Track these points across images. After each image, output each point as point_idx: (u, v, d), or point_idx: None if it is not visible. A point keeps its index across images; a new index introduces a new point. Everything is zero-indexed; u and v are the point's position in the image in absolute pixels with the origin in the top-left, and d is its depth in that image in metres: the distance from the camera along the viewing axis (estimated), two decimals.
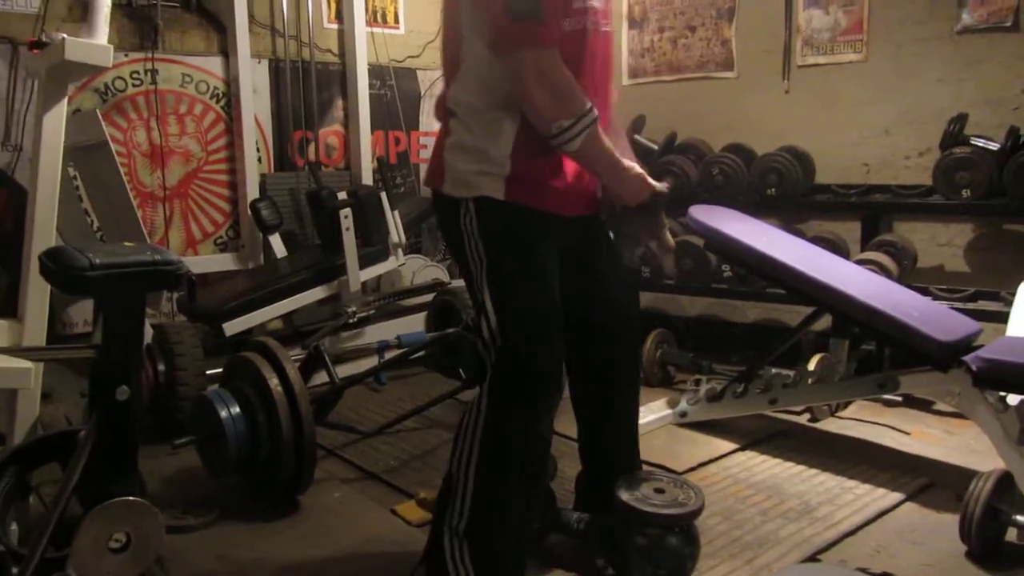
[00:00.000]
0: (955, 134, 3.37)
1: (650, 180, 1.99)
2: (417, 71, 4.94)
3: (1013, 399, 2.45)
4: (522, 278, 1.90)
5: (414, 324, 3.97)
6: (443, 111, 2.00)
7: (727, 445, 2.99)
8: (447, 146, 1.96)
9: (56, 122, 2.49)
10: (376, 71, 4.67)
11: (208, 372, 3.08)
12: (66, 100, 2.56)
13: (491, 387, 1.88)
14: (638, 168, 1.99)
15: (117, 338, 1.21)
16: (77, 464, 1.24)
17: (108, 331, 1.21)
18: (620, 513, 2.02)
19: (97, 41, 2.45)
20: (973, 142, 3.35)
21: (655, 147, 4.26)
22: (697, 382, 3.30)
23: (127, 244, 1.25)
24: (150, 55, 3.92)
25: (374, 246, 3.94)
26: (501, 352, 1.86)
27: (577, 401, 2.21)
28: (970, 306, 3.20)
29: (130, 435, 1.28)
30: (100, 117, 3.13)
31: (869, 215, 3.72)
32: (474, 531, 1.88)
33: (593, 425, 2.20)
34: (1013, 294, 2.92)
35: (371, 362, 3.58)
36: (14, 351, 2.16)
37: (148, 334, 3.23)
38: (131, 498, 1.27)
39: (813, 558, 2.21)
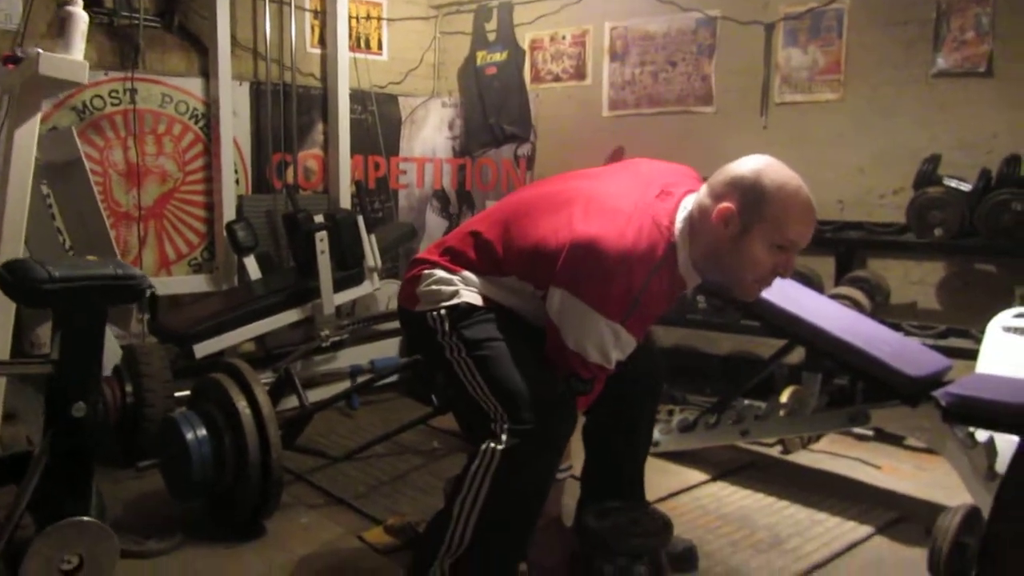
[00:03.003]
0: (928, 174, 3.42)
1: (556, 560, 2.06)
2: (399, 97, 4.97)
3: (982, 435, 2.46)
4: (512, 356, 1.86)
5: (388, 349, 3.95)
6: (452, 260, 2.00)
7: (698, 476, 2.98)
8: (426, 282, 1.99)
9: (28, 137, 2.46)
10: (357, 96, 4.68)
11: (177, 394, 3.03)
12: (39, 116, 2.53)
13: (512, 448, 1.80)
14: (566, 539, 2.08)
15: (75, 353, 1.19)
16: (29, 483, 1.21)
17: (65, 345, 1.18)
18: (588, 542, 2.00)
19: (72, 57, 2.43)
20: (946, 182, 3.40)
21: None
22: (670, 412, 3.30)
23: (90, 258, 1.23)
24: (130, 74, 3.91)
25: (350, 270, 3.93)
26: (516, 430, 1.80)
27: (593, 428, 2.22)
28: (941, 343, 3.22)
29: (86, 454, 1.25)
30: (75, 135, 3.10)
31: (843, 251, 3.75)
32: (468, 570, 1.85)
33: (608, 453, 2.20)
34: (983, 332, 2.94)
35: (343, 387, 3.55)
36: None
37: (116, 355, 3.19)
38: (84, 518, 1.24)
39: None
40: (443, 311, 1.92)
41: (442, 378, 2.04)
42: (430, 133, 5.12)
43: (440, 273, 1.97)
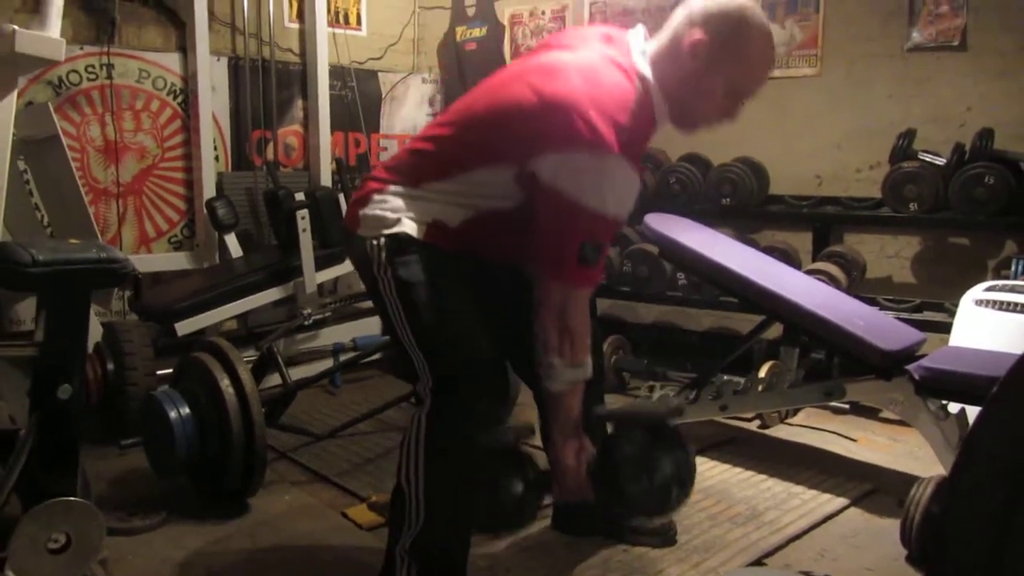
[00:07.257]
0: (904, 149, 3.45)
1: (582, 477, 1.87)
2: (379, 73, 4.94)
3: (954, 407, 2.51)
4: (441, 309, 1.79)
5: (370, 327, 3.95)
6: (407, 175, 1.87)
7: None
8: (373, 205, 1.86)
9: (4, 115, 2.45)
10: (337, 72, 4.65)
11: (159, 372, 3.03)
12: (15, 93, 2.51)
13: (432, 413, 1.80)
14: (586, 452, 1.90)
15: (60, 336, 1.20)
16: (16, 463, 1.22)
17: (50, 329, 1.19)
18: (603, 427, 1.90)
19: (49, 34, 2.41)
20: (921, 157, 3.44)
21: None
22: (651, 388, 3.34)
23: (72, 241, 1.24)
24: (106, 49, 3.86)
25: (331, 248, 3.92)
26: (437, 391, 1.79)
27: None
28: (915, 316, 3.28)
29: (72, 434, 1.26)
30: (52, 110, 3.07)
31: (820, 226, 3.79)
32: (424, 548, 1.84)
33: None
34: (957, 305, 3.00)
35: (326, 365, 3.57)
36: None
37: (97, 333, 3.19)
38: (71, 498, 1.25)
39: (759, 562, 2.24)
40: (383, 240, 1.79)
41: (379, 315, 1.93)
42: (410, 110, 5.09)
43: (392, 200, 1.83)
